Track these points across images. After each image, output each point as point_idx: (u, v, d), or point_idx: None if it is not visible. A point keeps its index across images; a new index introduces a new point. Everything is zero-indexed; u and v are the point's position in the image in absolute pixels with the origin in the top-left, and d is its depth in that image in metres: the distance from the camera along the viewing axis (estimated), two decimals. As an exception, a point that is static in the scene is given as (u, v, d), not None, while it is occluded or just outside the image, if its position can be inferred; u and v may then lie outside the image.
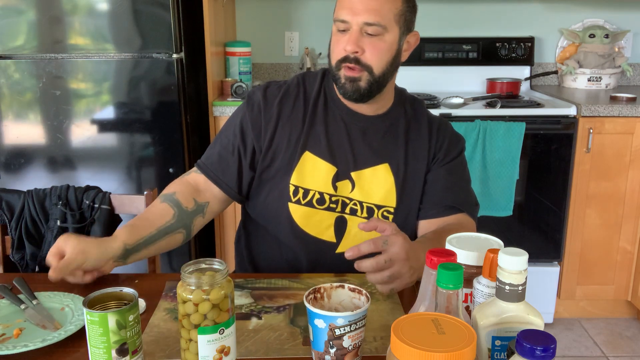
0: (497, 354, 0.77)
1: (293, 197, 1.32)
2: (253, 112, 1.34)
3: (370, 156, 1.33)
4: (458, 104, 2.56)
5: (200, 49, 2.46)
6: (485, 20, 3.03)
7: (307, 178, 1.32)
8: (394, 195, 1.32)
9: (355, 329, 0.86)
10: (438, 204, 1.32)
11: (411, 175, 1.33)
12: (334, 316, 0.85)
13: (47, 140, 2.36)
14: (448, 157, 1.35)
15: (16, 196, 1.54)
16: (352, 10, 1.22)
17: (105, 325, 0.82)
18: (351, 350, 0.87)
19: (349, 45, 1.22)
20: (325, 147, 1.32)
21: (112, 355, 0.83)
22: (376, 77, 1.25)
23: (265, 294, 1.15)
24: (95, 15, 2.24)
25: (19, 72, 2.29)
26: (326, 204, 1.32)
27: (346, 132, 1.33)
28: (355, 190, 1.32)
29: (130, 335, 0.83)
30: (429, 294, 0.80)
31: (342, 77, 1.26)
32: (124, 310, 0.82)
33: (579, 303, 2.76)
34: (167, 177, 2.36)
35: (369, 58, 1.23)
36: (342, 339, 0.86)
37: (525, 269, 0.74)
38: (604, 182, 2.55)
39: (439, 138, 1.36)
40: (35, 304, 1.08)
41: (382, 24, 1.21)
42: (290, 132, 1.32)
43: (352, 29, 1.22)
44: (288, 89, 1.36)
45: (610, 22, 3.04)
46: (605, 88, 2.94)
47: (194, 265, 0.86)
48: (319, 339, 0.87)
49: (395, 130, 1.35)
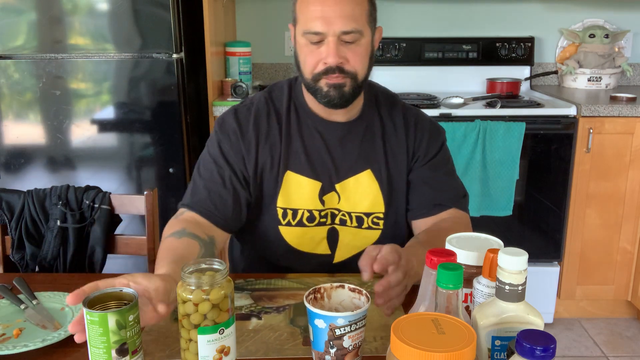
0: (497, 354, 0.77)
1: (283, 220, 1.29)
2: (231, 140, 1.28)
3: (352, 165, 1.30)
4: (458, 104, 2.56)
5: (200, 49, 2.45)
6: (485, 20, 3.03)
7: (293, 198, 1.28)
8: (381, 201, 1.30)
9: (355, 329, 0.86)
10: (426, 203, 1.31)
11: (394, 178, 1.31)
12: (335, 316, 0.84)
13: (47, 140, 2.36)
14: (429, 154, 1.32)
15: (16, 196, 1.54)
16: (325, 20, 1.15)
17: (105, 325, 0.81)
18: (351, 351, 0.87)
19: (331, 58, 1.16)
20: (305, 163, 1.28)
21: (112, 356, 0.83)
22: (359, 83, 1.22)
23: (265, 295, 1.15)
24: (95, 15, 2.24)
25: (19, 72, 2.29)
26: (316, 220, 1.29)
27: (323, 143, 1.29)
28: (341, 201, 1.30)
29: (130, 335, 0.83)
30: (429, 294, 0.80)
31: (324, 86, 1.20)
32: (124, 311, 0.82)
33: (579, 303, 2.76)
34: (167, 177, 2.36)
35: (352, 66, 1.19)
36: (342, 339, 0.86)
37: (525, 269, 0.74)
38: (604, 182, 2.55)
39: (417, 135, 1.32)
40: (35, 304, 1.08)
41: (358, 29, 1.16)
42: (272, 153, 1.28)
43: (327, 39, 1.16)
44: (258, 109, 1.30)
45: (610, 22, 3.04)
46: (605, 88, 2.94)
47: (194, 266, 0.86)
48: (319, 339, 0.87)
49: (372, 132, 1.31)
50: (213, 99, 2.49)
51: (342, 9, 1.15)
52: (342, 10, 1.15)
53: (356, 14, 1.16)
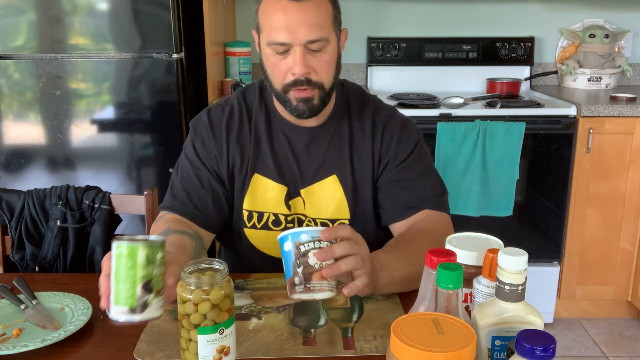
0: (497, 354, 0.77)
1: (248, 223, 1.29)
2: (204, 140, 1.28)
3: (317, 170, 1.27)
4: (458, 104, 2.56)
5: (200, 49, 2.46)
6: (485, 20, 3.03)
7: (259, 201, 1.27)
8: (346, 207, 1.28)
9: (319, 246, 0.89)
10: (398, 207, 1.27)
11: (360, 183, 1.28)
12: (298, 232, 0.88)
13: (47, 140, 2.36)
14: (399, 157, 1.28)
15: (16, 196, 1.54)
16: (289, 29, 1.11)
17: (135, 258, 0.82)
18: (317, 270, 0.89)
19: (298, 68, 1.13)
20: (272, 167, 1.26)
21: (137, 291, 0.82)
22: (327, 91, 1.19)
23: (265, 294, 1.15)
24: (95, 15, 2.24)
25: (19, 72, 2.29)
26: (282, 225, 1.28)
27: (290, 148, 1.27)
28: (307, 207, 1.28)
29: (156, 274, 0.84)
30: (429, 294, 0.80)
31: (292, 99, 1.18)
32: (154, 246, 0.83)
33: (579, 303, 2.76)
34: (167, 177, 2.34)
35: (320, 76, 1.16)
36: (307, 256, 0.88)
37: (525, 269, 0.74)
38: (604, 182, 2.55)
39: (384, 141, 1.28)
40: (35, 304, 1.08)
41: (324, 37, 1.13)
42: (242, 154, 1.27)
43: (294, 49, 1.13)
44: (232, 109, 1.29)
45: (610, 22, 3.04)
46: (605, 88, 2.94)
47: (193, 265, 0.86)
48: (289, 263, 0.90)
49: (340, 137, 1.28)
50: (213, 99, 2.49)
51: (307, 17, 1.11)
52: (307, 18, 1.11)
53: (321, 21, 1.12)
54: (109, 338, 1.00)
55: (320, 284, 0.89)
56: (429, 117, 2.44)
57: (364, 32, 2.98)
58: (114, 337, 1.00)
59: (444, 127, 2.40)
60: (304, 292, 0.89)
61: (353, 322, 1.04)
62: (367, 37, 2.96)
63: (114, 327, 1.03)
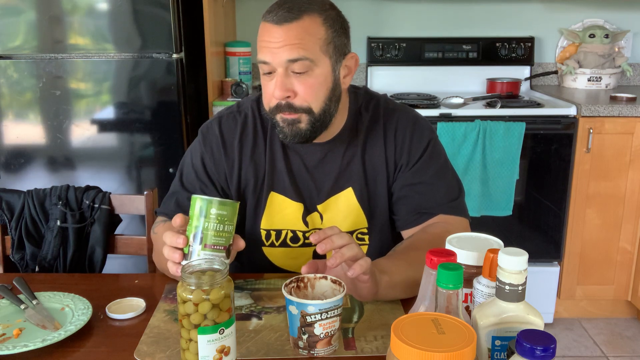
0: (497, 354, 0.77)
1: (266, 241, 1.28)
2: (214, 156, 1.25)
3: (332, 185, 1.26)
4: (458, 104, 2.56)
5: (200, 49, 2.46)
6: (485, 20, 3.03)
7: (276, 219, 1.26)
8: (363, 217, 1.27)
9: (326, 317, 0.88)
10: (412, 212, 1.25)
11: (375, 192, 1.27)
12: (305, 304, 0.88)
13: (47, 140, 2.36)
14: (413, 159, 1.25)
15: (16, 196, 1.54)
16: (270, 50, 1.10)
17: (193, 209, 0.92)
18: (323, 339, 0.89)
19: (276, 91, 1.11)
20: (289, 185, 1.24)
21: (190, 239, 0.92)
22: (317, 117, 1.14)
23: (265, 295, 1.15)
24: (95, 15, 2.24)
25: (19, 72, 2.29)
26: (300, 242, 1.27)
27: (303, 164, 1.25)
28: (324, 221, 1.27)
29: (205, 227, 0.91)
30: (429, 294, 0.80)
31: (279, 120, 1.15)
32: (210, 200, 0.92)
33: (579, 303, 2.76)
34: (167, 177, 2.36)
35: (304, 99, 1.13)
36: (313, 327, 0.89)
37: (525, 269, 0.74)
38: (604, 182, 2.55)
39: (397, 145, 1.25)
40: (35, 304, 1.08)
41: (307, 57, 1.10)
42: (256, 173, 1.25)
43: (276, 70, 1.11)
44: (245, 121, 1.26)
45: (610, 22, 3.04)
46: (605, 88, 2.94)
47: (194, 266, 0.86)
48: (294, 324, 0.91)
49: (353, 149, 1.26)
50: (213, 99, 2.49)
51: (288, 38, 1.09)
52: (288, 38, 1.09)
53: (304, 42, 1.10)
54: (109, 338, 1.00)
55: (324, 350, 0.92)
56: (429, 117, 2.44)
57: (364, 32, 2.98)
58: (114, 337, 1.00)
59: (444, 127, 2.40)
60: (307, 356, 0.92)
61: (353, 323, 1.04)
62: (367, 37, 2.96)
63: (114, 327, 1.03)
